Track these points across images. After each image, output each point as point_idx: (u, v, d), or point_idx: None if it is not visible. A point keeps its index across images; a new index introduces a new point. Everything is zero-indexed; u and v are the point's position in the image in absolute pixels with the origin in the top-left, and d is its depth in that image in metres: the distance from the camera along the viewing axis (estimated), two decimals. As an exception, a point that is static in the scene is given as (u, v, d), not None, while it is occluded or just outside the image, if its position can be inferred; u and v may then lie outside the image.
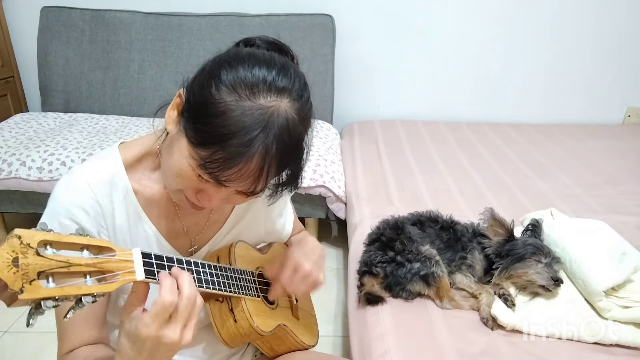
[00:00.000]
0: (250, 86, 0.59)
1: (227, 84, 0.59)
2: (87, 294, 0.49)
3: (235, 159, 0.59)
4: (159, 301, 0.56)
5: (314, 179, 1.95)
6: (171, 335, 0.57)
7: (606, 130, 2.69)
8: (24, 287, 0.44)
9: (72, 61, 2.52)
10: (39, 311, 0.46)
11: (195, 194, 0.67)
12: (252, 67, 0.61)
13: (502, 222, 1.23)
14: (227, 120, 0.58)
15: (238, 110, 0.58)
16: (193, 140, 0.61)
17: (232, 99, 0.59)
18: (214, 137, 0.59)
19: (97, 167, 0.72)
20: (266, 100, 0.59)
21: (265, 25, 2.49)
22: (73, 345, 0.71)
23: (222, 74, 0.60)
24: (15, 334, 1.69)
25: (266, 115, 0.59)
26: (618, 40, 2.67)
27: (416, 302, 1.22)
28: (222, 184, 0.61)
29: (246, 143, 0.58)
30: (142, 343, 0.57)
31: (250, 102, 0.59)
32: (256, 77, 0.60)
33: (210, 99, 0.59)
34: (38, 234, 0.47)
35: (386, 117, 2.84)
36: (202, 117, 0.60)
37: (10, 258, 0.44)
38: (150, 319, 0.56)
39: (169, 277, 0.59)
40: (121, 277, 0.53)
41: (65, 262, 0.48)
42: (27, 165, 1.92)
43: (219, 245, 0.85)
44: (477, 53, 2.72)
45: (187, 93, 0.63)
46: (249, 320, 0.75)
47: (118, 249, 0.54)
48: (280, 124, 0.60)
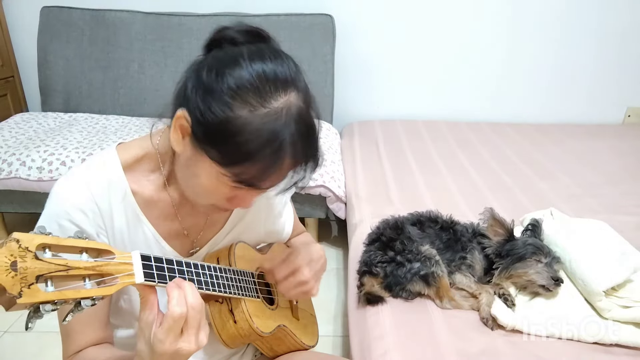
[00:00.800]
0: (257, 91, 0.59)
1: (235, 97, 0.59)
2: (86, 297, 0.49)
3: (270, 168, 0.61)
4: (169, 315, 0.56)
5: (314, 179, 1.95)
6: (186, 346, 0.58)
7: (606, 130, 2.68)
8: (23, 291, 0.43)
9: (72, 61, 2.52)
10: (38, 315, 0.46)
11: (227, 200, 0.68)
12: (249, 67, 0.60)
13: (501, 222, 1.23)
14: (249, 135, 0.59)
15: (256, 122, 0.59)
16: (220, 161, 0.62)
17: (245, 112, 0.59)
18: (242, 154, 0.60)
19: (94, 168, 0.72)
20: (277, 101, 0.60)
21: (265, 25, 2.43)
22: (78, 346, 0.71)
23: (224, 86, 0.60)
24: (15, 334, 1.69)
25: (283, 117, 0.60)
26: (618, 40, 2.67)
27: (416, 302, 1.22)
28: (260, 189, 0.64)
29: (275, 151, 0.60)
30: (159, 356, 0.57)
31: (263, 108, 0.59)
32: (259, 78, 0.60)
33: (224, 117, 0.59)
34: (37, 237, 0.47)
35: (386, 117, 2.84)
36: (222, 138, 0.60)
37: (8, 262, 0.43)
38: (164, 335, 0.56)
39: (176, 288, 0.58)
40: (120, 280, 0.53)
41: (64, 265, 0.48)
42: (27, 165, 1.92)
43: (219, 246, 0.84)
44: (478, 53, 2.71)
45: (193, 114, 0.61)
46: (248, 321, 0.75)
47: (117, 252, 0.54)
48: (296, 118, 0.61)
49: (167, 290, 0.58)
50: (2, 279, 0.42)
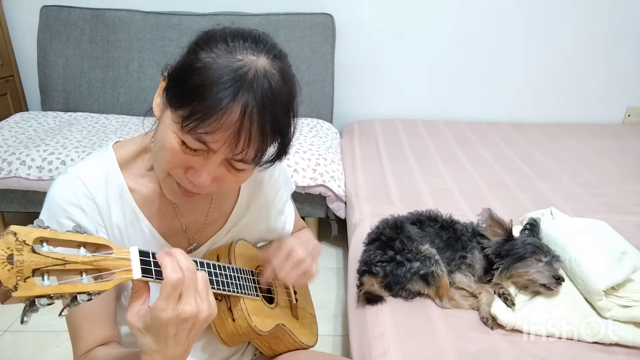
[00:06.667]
0: (225, 42, 0.61)
1: (204, 46, 0.61)
2: (83, 292, 0.49)
3: (213, 109, 0.57)
4: (166, 283, 0.56)
5: (313, 178, 1.95)
6: (188, 308, 0.57)
7: (606, 130, 2.68)
8: (18, 284, 0.43)
9: (71, 60, 2.52)
10: (33, 309, 0.45)
11: (184, 173, 0.65)
12: (229, 31, 0.62)
13: (500, 222, 1.23)
14: (204, 75, 0.59)
15: (215, 65, 0.59)
16: (174, 104, 0.61)
17: (209, 58, 0.60)
18: (192, 92, 0.59)
19: (91, 166, 0.72)
20: (245, 56, 0.60)
21: (265, 24, 2.49)
22: (88, 345, 0.71)
23: (199, 40, 0.62)
24: (15, 333, 1.68)
25: (244, 68, 0.59)
26: (618, 40, 2.67)
27: (416, 302, 1.22)
28: (203, 142, 0.60)
29: (223, 93, 0.58)
30: (165, 330, 0.56)
31: (226, 58, 0.59)
32: (231, 34, 0.62)
33: (189, 61, 0.61)
34: (34, 230, 0.46)
35: (386, 116, 2.84)
36: (181, 79, 0.61)
37: (5, 255, 0.43)
38: (164, 303, 0.55)
39: (167, 256, 0.58)
40: (118, 275, 0.53)
41: (61, 259, 0.47)
42: (27, 165, 1.92)
43: (219, 244, 0.84)
44: (477, 52, 2.71)
45: (169, 72, 0.64)
46: (247, 319, 0.75)
47: (115, 247, 0.54)
48: (259, 77, 0.59)
49: (158, 259, 0.58)
50: None
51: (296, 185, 1.90)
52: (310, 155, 2.02)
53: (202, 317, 0.59)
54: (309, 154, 2.03)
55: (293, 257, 0.80)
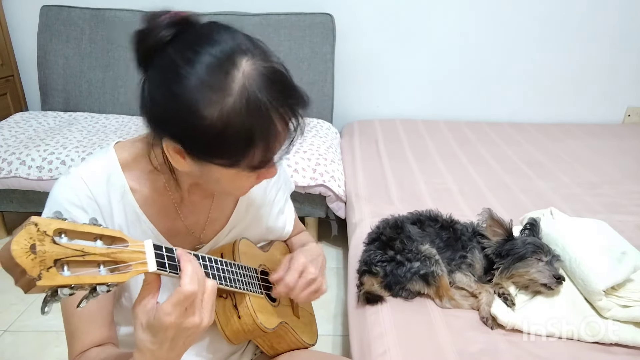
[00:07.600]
0: (211, 87, 0.57)
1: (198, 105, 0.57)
2: (102, 283, 0.49)
3: (271, 142, 0.61)
4: (180, 290, 0.56)
5: (313, 178, 1.95)
6: (191, 319, 0.57)
7: (606, 130, 2.69)
8: (42, 273, 0.44)
9: (71, 60, 2.52)
10: (55, 299, 0.46)
11: (256, 180, 0.70)
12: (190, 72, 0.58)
13: (500, 222, 1.23)
14: (235, 127, 0.58)
15: (231, 112, 0.57)
16: (228, 164, 0.62)
17: (216, 110, 0.57)
18: (240, 149, 0.60)
19: (93, 166, 0.72)
20: (235, 81, 0.58)
21: (265, 24, 2.49)
22: (84, 345, 0.71)
23: (184, 103, 0.58)
24: (15, 333, 1.69)
25: (249, 89, 0.58)
26: (618, 40, 2.67)
27: (416, 302, 1.22)
28: (271, 159, 0.64)
29: (264, 122, 0.59)
30: (164, 333, 0.56)
31: (229, 97, 0.57)
32: (207, 74, 0.58)
33: (203, 127, 0.58)
34: (54, 222, 0.47)
35: (386, 116, 2.84)
36: (215, 144, 0.60)
37: (28, 245, 0.44)
38: (171, 308, 0.56)
39: (189, 263, 0.58)
40: (134, 267, 0.53)
41: (81, 251, 0.48)
42: (27, 165, 1.92)
43: (221, 244, 0.85)
44: (477, 52, 2.71)
45: (178, 139, 0.61)
46: (253, 316, 0.75)
47: (130, 240, 0.54)
48: (261, 81, 0.59)
49: (179, 259, 0.59)
50: (22, 261, 0.43)
51: (296, 185, 1.91)
52: (310, 155, 2.02)
53: (202, 327, 0.59)
54: (309, 154, 2.03)
55: (306, 275, 0.81)
